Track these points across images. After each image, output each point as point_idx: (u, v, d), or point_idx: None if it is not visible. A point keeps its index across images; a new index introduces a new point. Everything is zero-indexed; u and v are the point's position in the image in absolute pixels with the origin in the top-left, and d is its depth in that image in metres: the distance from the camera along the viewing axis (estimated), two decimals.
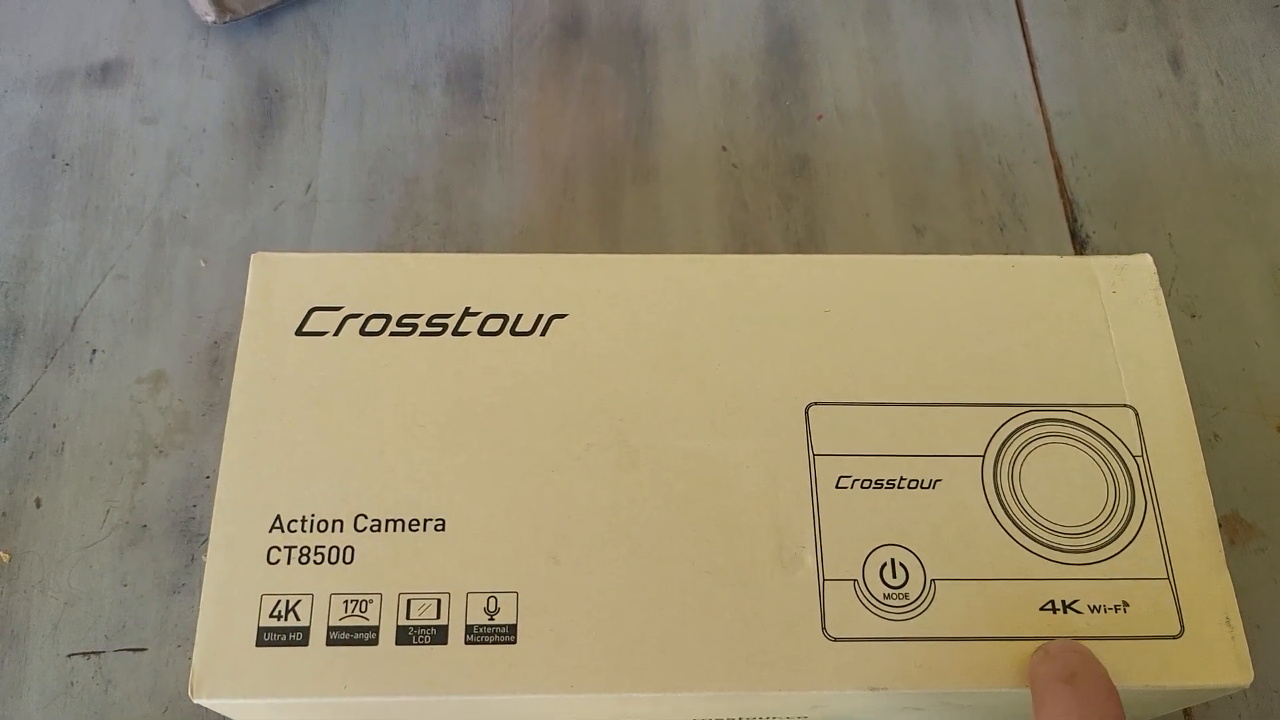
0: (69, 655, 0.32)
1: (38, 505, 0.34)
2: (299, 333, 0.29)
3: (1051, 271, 0.30)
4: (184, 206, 0.39)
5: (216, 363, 0.36)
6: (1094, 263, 0.30)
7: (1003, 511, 0.27)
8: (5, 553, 0.34)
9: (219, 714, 0.27)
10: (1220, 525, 0.36)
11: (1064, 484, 0.27)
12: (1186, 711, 0.33)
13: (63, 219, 0.39)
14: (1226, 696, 0.33)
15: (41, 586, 0.33)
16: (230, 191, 0.39)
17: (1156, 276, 0.30)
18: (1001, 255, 0.30)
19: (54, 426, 0.35)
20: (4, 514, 0.34)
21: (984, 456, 0.28)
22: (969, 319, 0.29)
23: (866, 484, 0.27)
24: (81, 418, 0.36)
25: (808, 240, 0.39)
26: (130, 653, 0.33)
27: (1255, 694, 0.33)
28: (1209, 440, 0.37)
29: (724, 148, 0.41)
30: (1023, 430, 0.28)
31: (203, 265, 0.38)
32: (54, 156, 0.40)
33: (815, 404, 0.28)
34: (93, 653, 0.33)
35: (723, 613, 0.26)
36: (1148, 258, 0.30)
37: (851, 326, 0.29)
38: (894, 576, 0.26)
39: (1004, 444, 0.28)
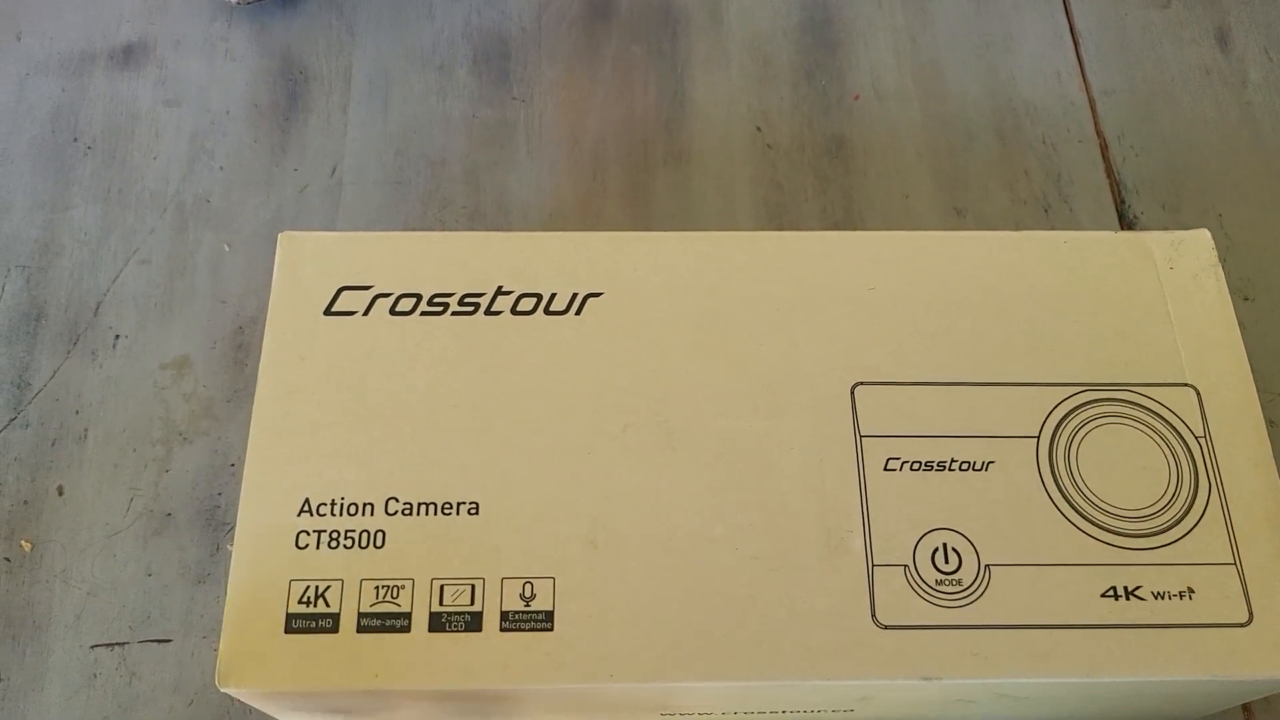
0: (92, 646, 0.32)
1: (60, 493, 0.34)
2: (328, 312, 0.28)
3: (1105, 247, 0.29)
4: (207, 190, 0.38)
5: (241, 348, 0.36)
6: (1149, 238, 0.29)
7: (1059, 494, 0.26)
8: (27, 541, 0.33)
9: (245, 704, 0.26)
10: None
11: (1123, 465, 0.26)
12: (1246, 708, 0.32)
13: (85, 203, 0.38)
14: None
15: (64, 576, 0.33)
16: (254, 175, 0.38)
17: (1215, 252, 0.29)
18: (1051, 231, 0.29)
19: (77, 413, 0.35)
20: (26, 502, 0.34)
21: (1039, 437, 0.26)
22: (1020, 296, 0.28)
23: (916, 466, 0.26)
24: (104, 404, 0.35)
25: (845, 222, 0.38)
26: (155, 644, 0.32)
27: None
28: (1266, 426, 0.35)
29: (758, 128, 0.40)
30: (1079, 410, 0.27)
31: (227, 249, 0.37)
32: (76, 140, 0.39)
33: (861, 384, 0.27)
34: (116, 644, 0.32)
35: (767, 599, 0.25)
36: (1205, 233, 0.29)
37: (897, 304, 0.28)
38: (946, 562, 0.25)
39: (1060, 424, 0.27)
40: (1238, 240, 0.38)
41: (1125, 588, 0.25)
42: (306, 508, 0.26)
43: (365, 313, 0.28)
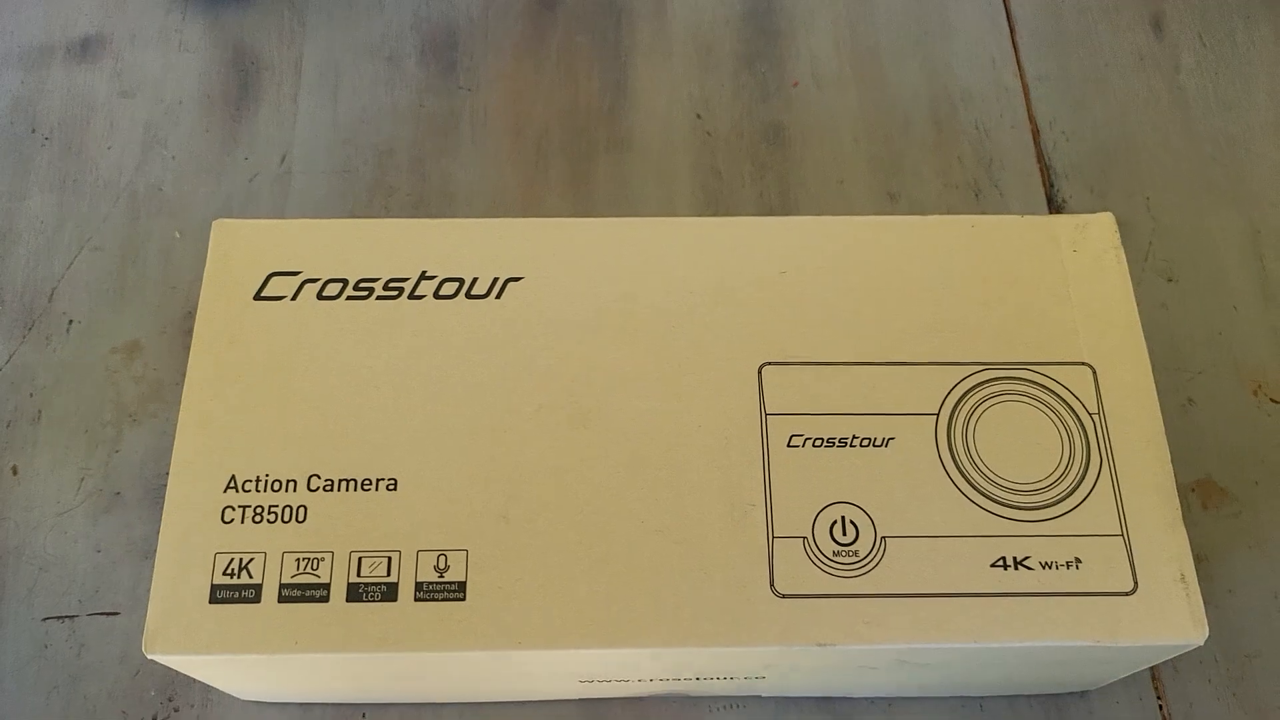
0: (43, 619, 0.33)
1: (14, 473, 0.35)
2: (257, 297, 0.29)
3: (1012, 230, 0.30)
4: (160, 179, 0.39)
5: (189, 333, 0.37)
6: (1055, 221, 0.30)
7: (955, 469, 0.27)
8: None
9: (186, 674, 0.27)
10: (1193, 490, 0.35)
11: (1018, 441, 0.27)
12: (1156, 680, 0.33)
13: (41, 192, 0.39)
14: (1197, 662, 0.33)
15: (17, 552, 0.34)
16: (205, 164, 0.40)
17: (1118, 234, 0.30)
18: (962, 215, 0.30)
19: (30, 396, 0.36)
20: None
21: (938, 414, 0.27)
22: (927, 279, 0.29)
23: (819, 443, 0.27)
24: (58, 387, 0.36)
25: (780, 208, 0.39)
26: (103, 617, 0.33)
27: (1226, 659, 0.33)
28: (1183, 405, 0.36)
29: (698, 116, 0.41)
30: (978, 388, 0.28)
31: (178, 237, 0.38)
32: (34, 131, 0.40)
33: (768, 364, 0.28)
34: (66, 617, 0.33)
35: (671, 570, 0.26)
36: (1109, 216, 0.30)
37: (807, 287, 0.29)
38: (844, 534, 0.26)
39: (959, 402, 0.28)
40: (1164, 223, 0.39)
41: (1014, 558, 0.26)
42: (233, 484, 0.27)
43: (294, 297, 0.29)
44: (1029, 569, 0.26)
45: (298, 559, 0.26)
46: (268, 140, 0.40)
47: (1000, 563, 0.26)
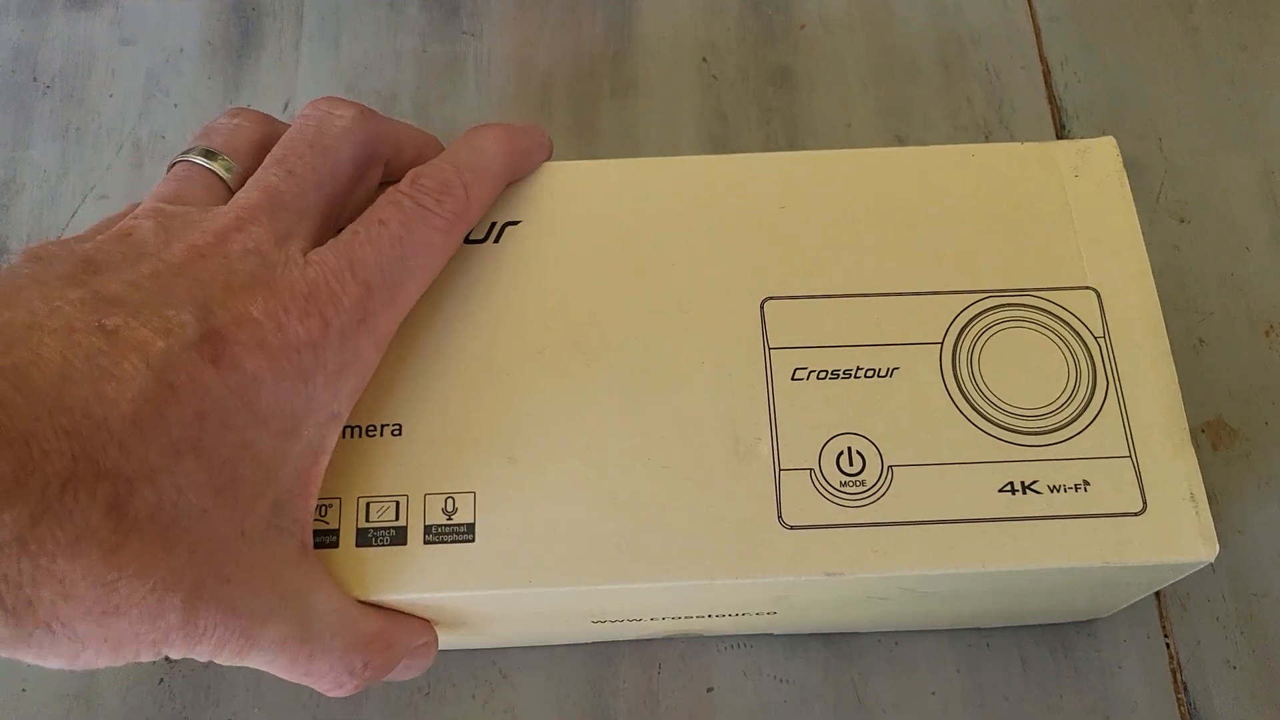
0: None
1: None
2: None
3: (1012, 158, 0.29)
4: (162, 127, 0.39)
5: None
6: (1056, 147, 0.30)
7: (961, 396, 0.27)
8: None
9: None
10: (1204, 430, 0.35)
11: (1023, 367, 0.27)
12: (1163, 619, 0.33)
13: (44, 141, 0.39)
14: (1205, 600, 0.33)
15: None
16: (208, 112, 0.39)
17: (1120, 158, 0.29)
18: (961, 145, 0.29)
19: None
20: None
21: (942, 343, 0.27)
22: (929, 209, 0.29)
23: (823, 375, 0.27)
24: None
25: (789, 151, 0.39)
26: None
27: (1235, 598, 0.33)
28: (1194, 346, 0.36)
29: (704, 59, 0.41)
30: (982, 316, 0.27)
31: None
32: (35, 79, 0.40)
33: (770, 299, 0.28)
34: None
35: (678, 506, 0.26)
36: (1111, 140, 0.30)
37: (808, 221, 0.29)
38: (851, 464, 0.26)
39: (963, 330, 0.27)
40: (1176, 164, 0.39)
41: (1022, 482, 0.26)
42: None
43: None
44: (1037, 493, 0.26)
45: None
46: (270, 87, 0.40)
47: (1008, 488, 0.26)
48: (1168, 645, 0.33)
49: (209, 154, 0.26)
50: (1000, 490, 0.26)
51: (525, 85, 0.40)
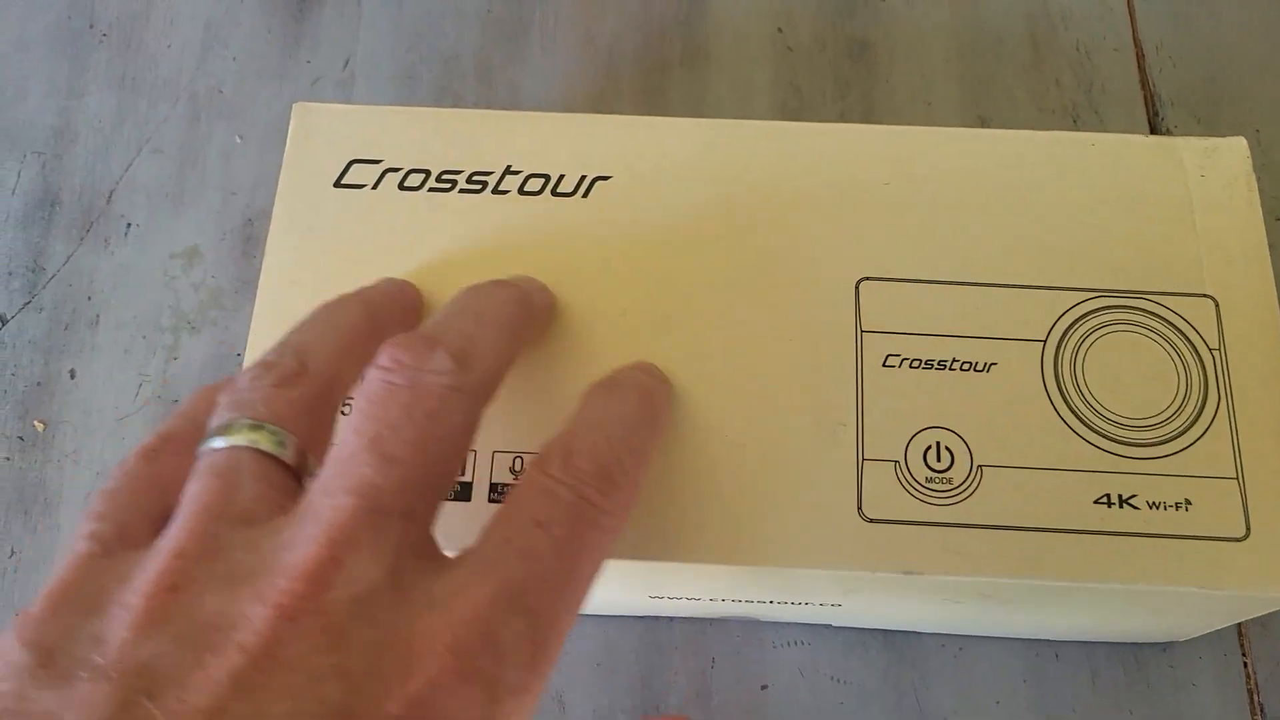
0: None
1: (72, 376, 0.34)
2: (338, 184, 0.28)
3: (1134, 151, 0.28)
4: (220, 80, 0.38)
5: (250, 240, 0.36)
6: (1181, 144, 0.28)
7: (1061, 399, 0.25)
8: (40, 422, 0.34)
9: None
10: None
11: (1130, 373, 0.25)
12: (1242, 638, 0.31)
13: (99, 90, 0.38)
14: None
15: (75, 457, 0.33)
16: (267, 66, 0.38)
17: (1250, 161, 0.28)
18: (1080, 132, 0.28)
19: (89, 299, 0.35)
20: (39, 384, 0.34)
21: (1045, 341, 0.26)
22: (1040, 198, 0.27)
23: (916, 364, 0.26)
24: (116, 291, 0.35)
25: None
26: None
27: None
28: None
29: (779, 29, 0.39)
30: (1090, 316, 0.26)
31: (238, 141, 0.37)
32: (91, 26, 0.39)
33: (866, 279, 0.26)
34: None
35: (754, 487, 0.25)
36: (1241, 141, 0.28)
37: (912, 200, 0.27)
38: (938, 460, 0.25)
39: (1068, 329, 0.26)
40: (1274, 158, 0.37)
41: (1120, 496, 0.25)
42: None
43: (374, 186, 0.28)
44: (1134, 508, 0.24)
45: None
46: (331, 43, 0.39)
47: (1104, 500, 0.25)
48: (1245, 665, 0.31)
49: (251, 426, 0.19)
50: (1096, 502, 0.24)
51: (591, 50, 0.39)
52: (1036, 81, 0.38)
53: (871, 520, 0.24)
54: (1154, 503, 0.25)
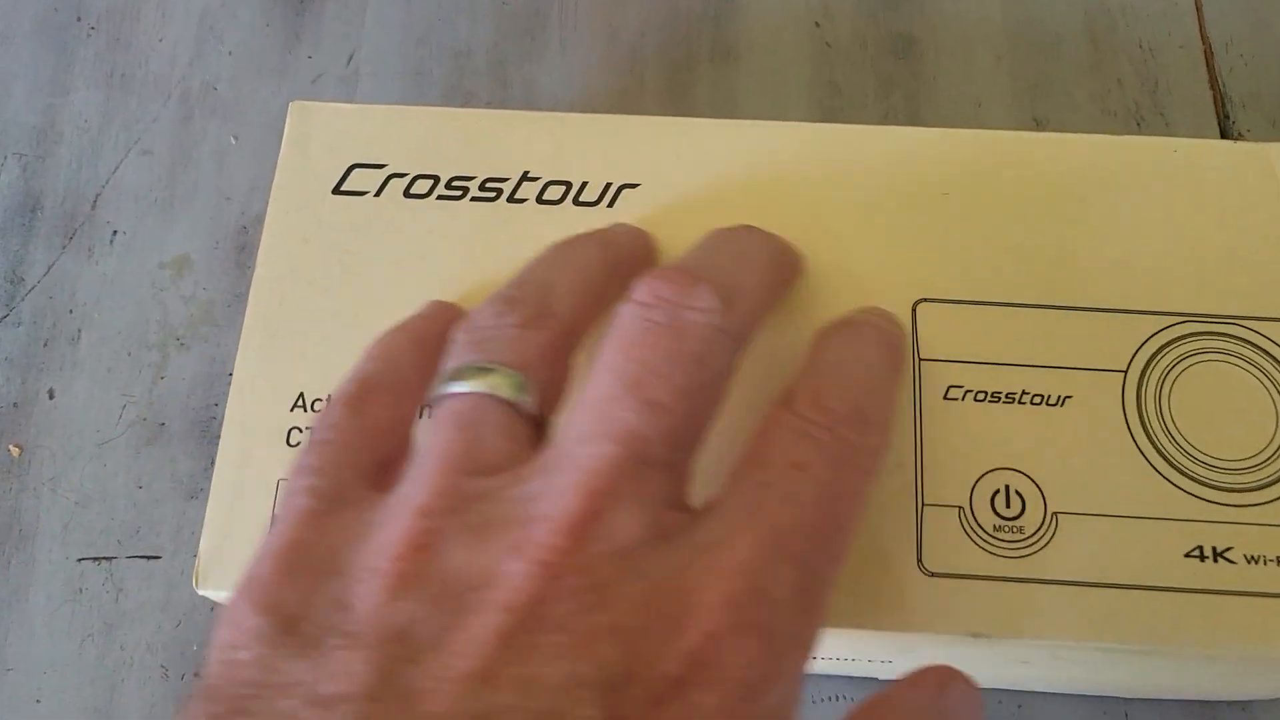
0: (79, 559, 0.30)
1: (51, 396, 0.32)
2: (336, 191, 0.25)
3: (1221, 158, 0.25)
4: (215, 76, 0.35)
5: (244, 249, 0.33)
6: (1274, 151, 0.25)
7: (1145, 437, 0.22)
8: (16, 446, 0.31)
9: None
10: None
11: (1224, 409, 0.23)
12: None
13: (86, 87, 0.35)
14: None
15: (52, 484, 0.31)
16: (265, 61, 0.36)
17: None
18: (1160, 137, 0.25)
19: (70, 312, 0.33)
20: (15, 405, 0.32)
21: (1126, 371, 0.23)
22: (1119, 210, 0.24)
23: (981, 396, 0.23)
24: (100, 304, 0.33)
25: None
26: (143, 560, 0.30)
27: None
28: None
29: (817, 24, 0.36)
30: (1176, 343, 0.23)
31: (233, 142, 0.35)
32: (79, 19, 0.36)
33: (924, 300, 0.24)
34: (103, 558, 0.30)
35: None
36: None
37: (972, 212, 0.24)
38: (1008, 506, 0.22)
39: (1152, 358, 0.23)
40: None
41: (1214, 548, 0.22)
42: (300, 403, 0.23)
43: (377, 193, 0.25)
44: (1230, 562, 0.22)
45: None
46: (333, 38, 0.36)
47: (1196, 552, 0.22)
48: None
49: (493, 370, 0.18)
50: (1187, 555, 0.22)
51: (614, 46, 0.36)
52: (1096, 81, 0.35)
53: (933, 574, 0.22)
54: (1252, 556, 0.22)
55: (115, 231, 0.34)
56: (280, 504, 0.21)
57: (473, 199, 0.25)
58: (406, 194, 0.25)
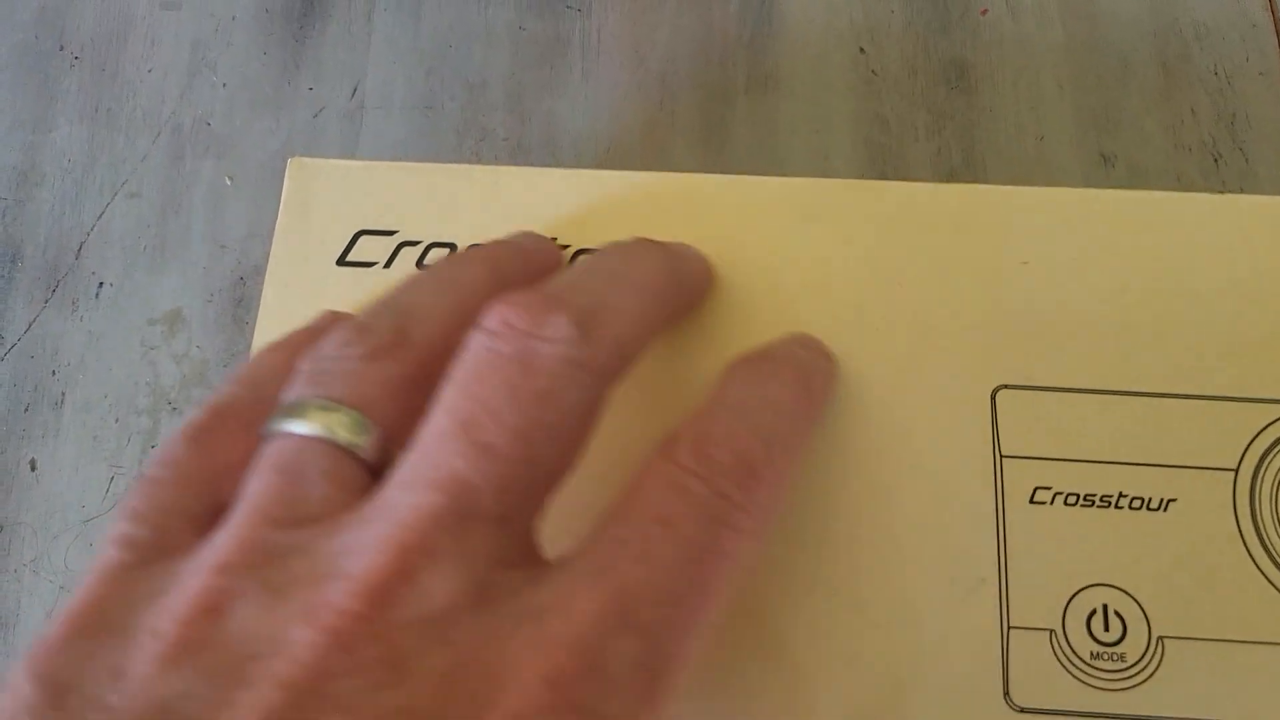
0: None
1: (32, 468, 0.29)
2: (342, 262, 0.23)
3: None
4: (208, 111, 0.33)
5: (241, 303, 0.30)
6: None
7: (1260, 547, 0.20)
8: None
9: None
10: None
11: None
12: None
13: (69, 123, 0.33)
14: None
15: (34, 566, 0.28)
16: (262, 94, 0.33)
17: None
18: (1267, 196, 0.22)
19: (53, 374, 0.30)
20: None
21: (1237, 470, 0.20)
22: (1227, 282, 0.21)
23: (1072, 500, 0.20)
24: (85, 365, 0.30)
25: (963, 168, 0.31)
26: None
27: None
28: None
29: (861, 50, 0.33)
30: None
31: (228, 183, 0.32)
32: (62, 49, 0.34)
33: (1005, 387, 0.21)
34: None
35: (871, 660, 0.19)
36: None
37: (1061, 285, 0.21)
38: (1106, 630, 0.19)
39: (1266, 453, 0.20)
40: None
41: None
42: None
43: (387, 264, 0.23)
44: None
45: None
46: (336, 68, 0.33)
47: None
48: None
49: (327, 408, 0.16)
50: None
51: (641, 75, 0.33)
52: (1168, 112, 0.32)
53: (1022, 709, 0.19)
54: None
55: (101, 283, 0.31)
56: (93, 554, 0.18)
57: None
58: (420, 264, 0.23)
